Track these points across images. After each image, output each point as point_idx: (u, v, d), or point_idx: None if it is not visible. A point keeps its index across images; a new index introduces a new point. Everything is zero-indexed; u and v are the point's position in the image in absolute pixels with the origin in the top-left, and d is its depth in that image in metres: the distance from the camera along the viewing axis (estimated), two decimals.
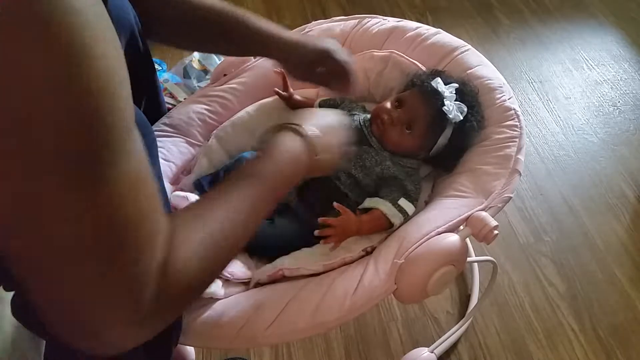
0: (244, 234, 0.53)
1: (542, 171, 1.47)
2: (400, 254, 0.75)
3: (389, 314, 1.17)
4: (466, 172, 0.87)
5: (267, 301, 0.73)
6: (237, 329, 0.71)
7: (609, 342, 1.13)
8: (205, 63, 1.58)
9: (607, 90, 1.71)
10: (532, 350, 1.12)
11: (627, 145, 1.55)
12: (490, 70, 0.97)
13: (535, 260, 1.28)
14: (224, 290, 0.76)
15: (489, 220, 0.75)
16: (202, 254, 0.46)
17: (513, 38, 1.89)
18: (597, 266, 1.27)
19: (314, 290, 0.74)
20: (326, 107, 0.97)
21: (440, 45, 1.01)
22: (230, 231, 0.50)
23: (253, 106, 1.00)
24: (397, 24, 1.05)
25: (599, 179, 1.45)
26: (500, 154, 0.86)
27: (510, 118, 0.90)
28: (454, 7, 2.02)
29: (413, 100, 0.88)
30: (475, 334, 1.14)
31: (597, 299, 1.21)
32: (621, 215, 1.37)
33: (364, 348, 1.11)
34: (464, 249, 0.75)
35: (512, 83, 1.70)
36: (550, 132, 1.58)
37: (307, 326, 0.71)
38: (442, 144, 0.88)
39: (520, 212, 1.37)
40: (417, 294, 0.75)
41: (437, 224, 0.78)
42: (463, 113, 0.86)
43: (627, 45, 1.87)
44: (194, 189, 0.90)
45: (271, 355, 1.09)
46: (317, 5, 1.95)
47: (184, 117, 0.95)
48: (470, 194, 0.83)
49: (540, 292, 1.22)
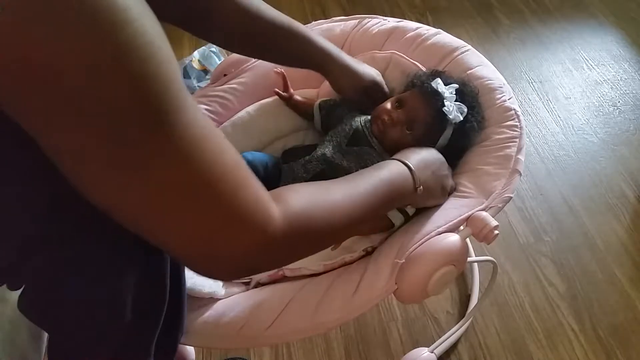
0: (359, 214, 0.55)
1: (542, 171, 1.47)
2: (400, 254, 0.75)
3: (389, 314, 1.17)
4: (466, 172, 0.87)
5: (268, 301, 0.73)
6: (238, 329, 0.71)
7: (609, 342, 1.13)
8: (205, 63, 1.58)
9: (607, 90, 1.71)
10: (532, 350, 1.12)
11: (627, 145, 1.55)
12: (491, 71, 0.97)
13: (535, 260, 1.28)
14: (225, 290, 0.76)
15: (489, 220, 0.75)
16: (316, 208, 0.49)
17: (513, 38, 1.89)
18: (597, 266, 1.27)
19: (315, 291, 0.74)
20: (327, 107, 0.97)
21: (440, 45, 1.01)
22: (345, 203, 0.53)
23: (253, 106, 1.00)
24: (397, 24, 1.05)
25: (599, 179, 1.45)
26: (501, 154, 0.86)
27: (510, 118, 0.90)
28: (454, 7, 2.02)
29: (413, 101, 0.88)
30: (475, 334, 1.14)
31: (597, 299, 1.21)
32: (621, 215, 1.37)
33: (364, 348, 1.12)
34: (464, 249, 0.75)
35: (512, 83, 1.70)
36: (550, 132, 1.58)
37: (308, 326, 0.71)
38: (442, 144, 0.88)
39: (520, 212, 1.37)
40: (417, 294, 0.75)
41: (437, 224, 0.78)
42: (463, 113, 0.86)
43: (627, 45, 1.87)
44: None
45: (271, 355, 1.09)
46: (317, 5, 1.95)
47: None
48: (471, 194, 0.83)
49: (540, 292, 1.22)
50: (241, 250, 0.42)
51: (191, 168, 0.38)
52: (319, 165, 0.88)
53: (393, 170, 0.67)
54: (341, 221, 0.53)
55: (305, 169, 0.88)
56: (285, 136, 1.02)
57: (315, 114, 0.98)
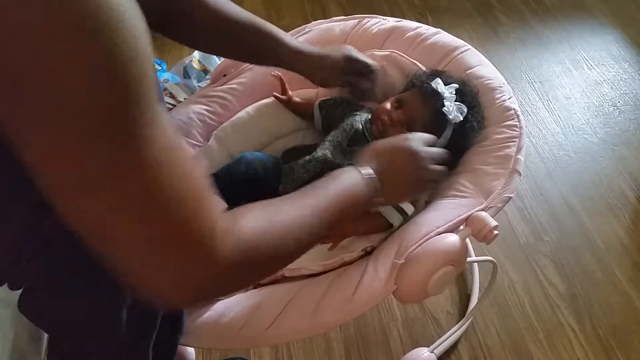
0: (308, 237, 0.53)
1: (542, 171, 1.47)
2: (400, 254, 0.75)
3: (389, 314, 1.17)
4: (466, 172, 0.87)
5: (268, 301, 0.73)
6: (238, 329, 0.71)
7: (609, 342, 1.13)
8: (205, 63, 1.58)
9: (607, 90, 1.71)
10: (532, 351, 1.12)
11: (627, 145, 1.55)
12: (490, 70, 0.97)
13: (535, 260, 1.28)
14: None
15: (489, 221, 0.75)
16: (266, 235, 0.46)
17: (513, 38, 1.89)
18: (597, 266, 1.27)
19: (314, 291, 0.74)
20: (326, 107, 0.97)
21: (440, 45, 1.01)
22: (294, 226, 0.51)
23: (253, 106, 1.00)
24: (397, 24, 1.05)
25: (599, 179, 1.45)
26: (500, 154, 0.86)
27: (510, 118, 0.90)
28: (454, 7, 2.02)
29: (413, 101, 0.88)
30: (475, 334, 1.14)
31: (597, 299, 1.21)
32: (621, 215, 1.37)
33: (364, 348, 1.12)
34: (464, 249, 0.75)
35: (512, 83, 1.70)
36: (550, 132, 1.58)
37: (307, 326, 0.71)
38: (442, 144, 0.88)
39: (520, 212, 1.37)
40: (417, 294, 0.75)
41: (437, 224, 0.78)
42: (463, 113, 0.86)
43: (627, 45, 1.87)
44: None
45: (271, 355, 1.09)
46: (317, 5, 1.95)
47: (184, 117, 0.95)
48: (470, 194, 0.83)
49: (540, 292, 1.22)
50: (188, 280, 0.41)
51: (147, 188, 0.37)
52: (319, 165, 0.88)
53: (346, 182, 0.62)
54: (292, 245, 0.51)
55: (305, 169, 0.88)
56: (285, 136, 1.02)
57: (316, 114, 0.98)
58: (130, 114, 0.34)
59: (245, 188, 0.85)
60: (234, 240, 0.42)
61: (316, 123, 0.99)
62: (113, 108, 0.34)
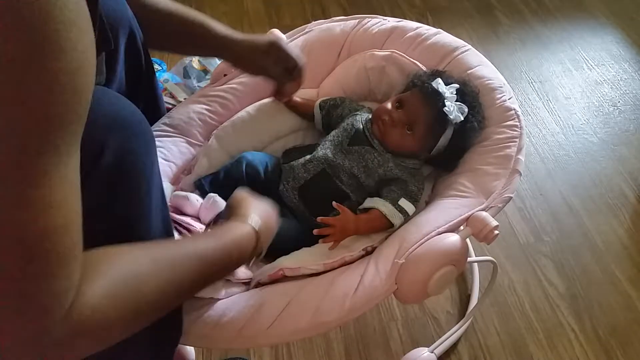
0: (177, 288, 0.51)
1: (542, 171, 1.47)
2: (400, 254, 0.75)
3: (389, 314, 1.17)
4: (466, 172, 0.87)
5: (268, 301, 0.73)
6: (238, 329, 0.71)
7: (609, 342, 1.13)
8: (205, 63, 1.58)
9: (607, 90, 1.71)
10: (532, 351, 1.12)
11: (627, 145, 1.55)
12: (491, 71, 0.97)
13: (535, 260, 1.28)
14: (225, 291, 0.76)
15: (489, 220, 0.75)
16: (114, 291, 0.43)
17: (513, 38, 1.89)
18: (597, 266, 1.26)
19: (315, 291, 0.74)
20: (327, 107, 0.97)
21: (440, 45, 1.01)
22: (153, 283, 0.47)
23: (253, 106, 1.00)
24: (397, 24, 1.05)
25: (599, 179, 1.45)
26: (501, 154, 0.86)
27: (510, 118, 0.90)
28: (454, 7, 2.01)
29: (414, 101, 0.88)
30: (475, 334, 1.14)
31: (597, 299, 1.21)
32: (621, 215, 1.37)
33: (364, 348, 1.11)
34: (464, 249, 0.75)
35: (512, 83, 1.70)
36: (550, 132, 1.58)
37: (308, 326, 0.71)
38: (443, 144, 0.88)
39: (520, 212, 1.37)
40: (417, 294, 0.75)
41: (437, 224, 0.78)
42: (464, 114, 0.86)
43: (627, 45, 1.87)
44: (195, 188, 0.90)
45: (271, 355, 1.09)
46: (317, 5, 1.95)
47: (184, 117, 0.95)
48: (471, 194, 0.83)
49: (540, 292, 1.22)
50: (27, 346, 0.39)
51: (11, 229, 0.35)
52: (319, 165, 0.88)
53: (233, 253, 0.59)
54: (154, 299, 0.48)
55: (305, 169, 0.88)
56: (285, 136, 1.02)
57: (316, 114, 0.98)
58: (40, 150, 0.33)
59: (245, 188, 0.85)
60: (77, 312, 0.40)
61: (316, 123, 1.00)
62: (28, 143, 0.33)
